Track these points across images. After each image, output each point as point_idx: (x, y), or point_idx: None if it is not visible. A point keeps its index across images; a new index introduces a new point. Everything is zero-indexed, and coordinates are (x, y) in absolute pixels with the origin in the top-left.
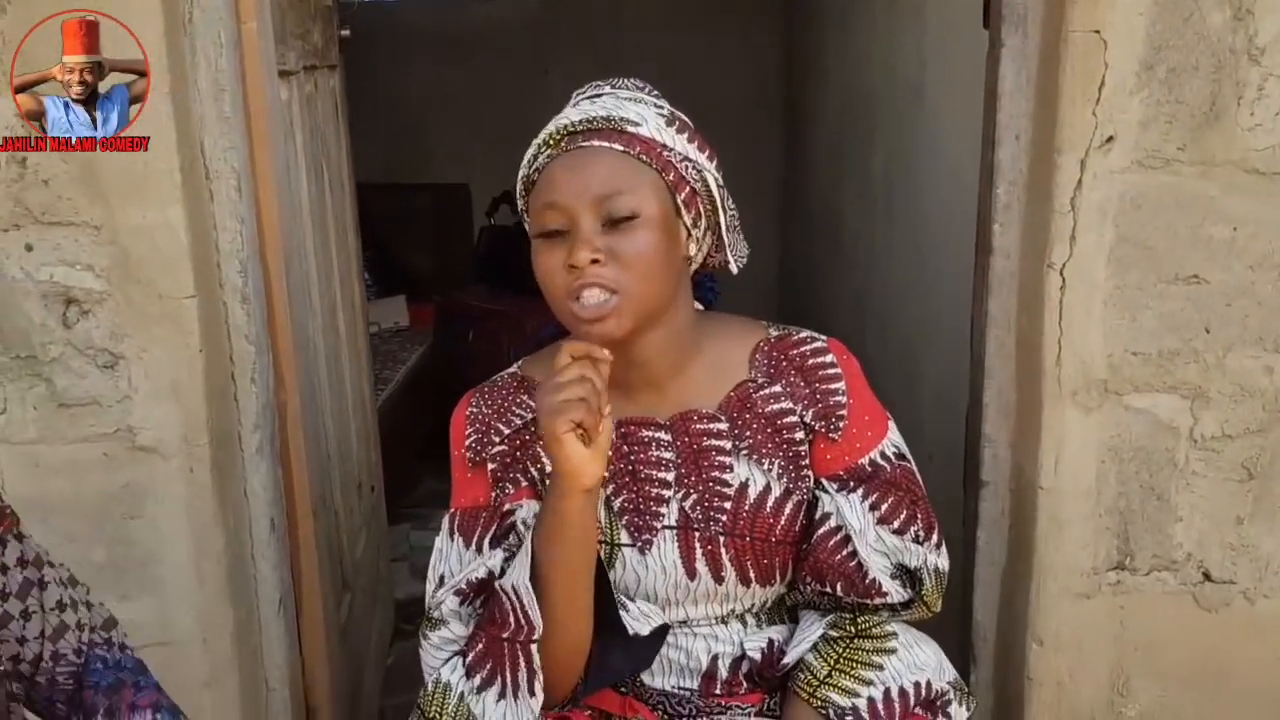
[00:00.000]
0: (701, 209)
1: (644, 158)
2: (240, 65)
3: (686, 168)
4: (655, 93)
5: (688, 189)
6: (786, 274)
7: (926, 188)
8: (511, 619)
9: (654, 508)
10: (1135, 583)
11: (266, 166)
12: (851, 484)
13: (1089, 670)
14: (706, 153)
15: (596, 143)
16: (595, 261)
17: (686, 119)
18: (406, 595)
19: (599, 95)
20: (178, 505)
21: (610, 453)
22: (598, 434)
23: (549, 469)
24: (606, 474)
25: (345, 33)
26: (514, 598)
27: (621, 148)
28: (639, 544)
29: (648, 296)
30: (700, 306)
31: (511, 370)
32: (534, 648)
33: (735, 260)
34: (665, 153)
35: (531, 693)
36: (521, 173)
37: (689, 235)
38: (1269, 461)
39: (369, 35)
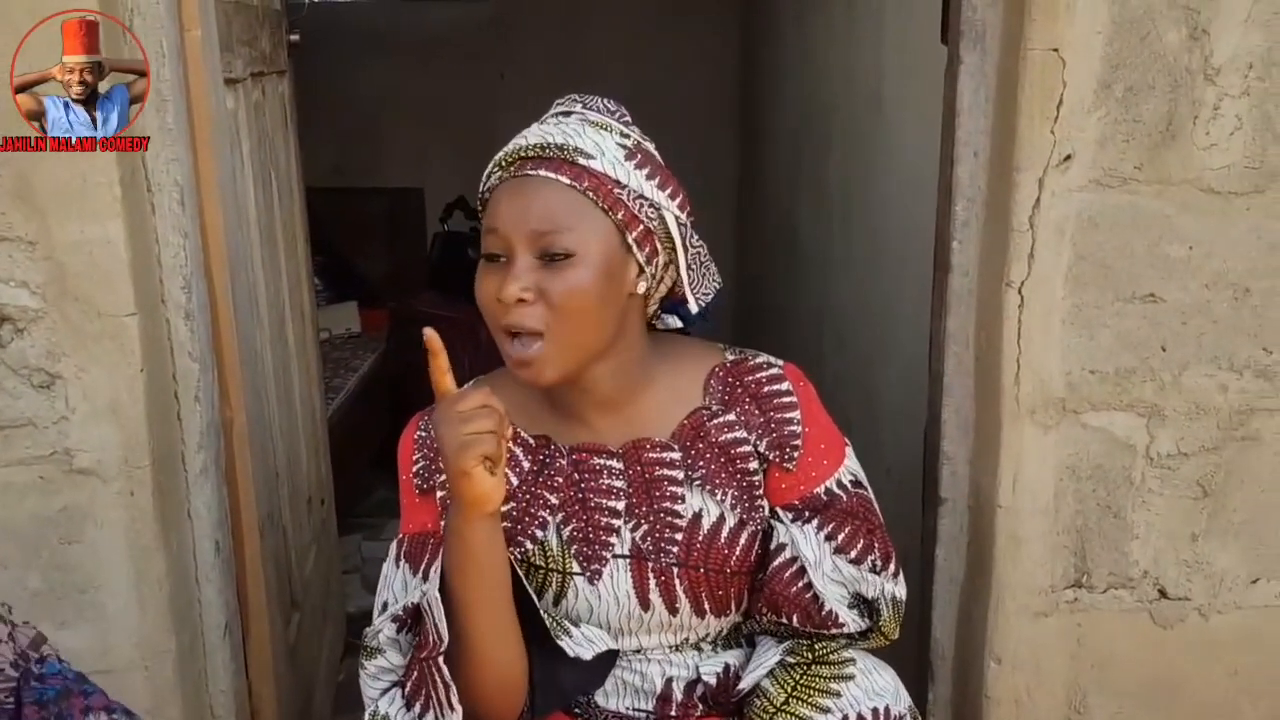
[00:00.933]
0: (658, 246)
1: (591, 194)
2: (184, 74)
3: (640, 206)
4: (626, 118)
5: (640, 227)
6: (744, 285)
7: (884, 199)
8: (431, 637)
9: (603, 537)
10: (1092, 600)
11: (211, 178)
12: (807, 514)
13: (1046, 688)
14: (669, 190)
15: (543, 173)
16: (523, 300)
17: (653, 151)
18: (358, 609)
19: (568, 114)
20: (117, 529)
21: (561, 480)
22: (502, 462)
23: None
24: (556, 501)
25: (295, 37)
26: (429, 612)
27: (568, 181)
28: (588, 573)
29: (577, 340)
30: (678, 324)
31: (462, 391)
32: (441, 660)
33: (697, 299)
34: (616, 190)
35: (451, 707)
36: (480, 189)
37: (641, 272)
38: (1223, 479)
39: (321, 36)
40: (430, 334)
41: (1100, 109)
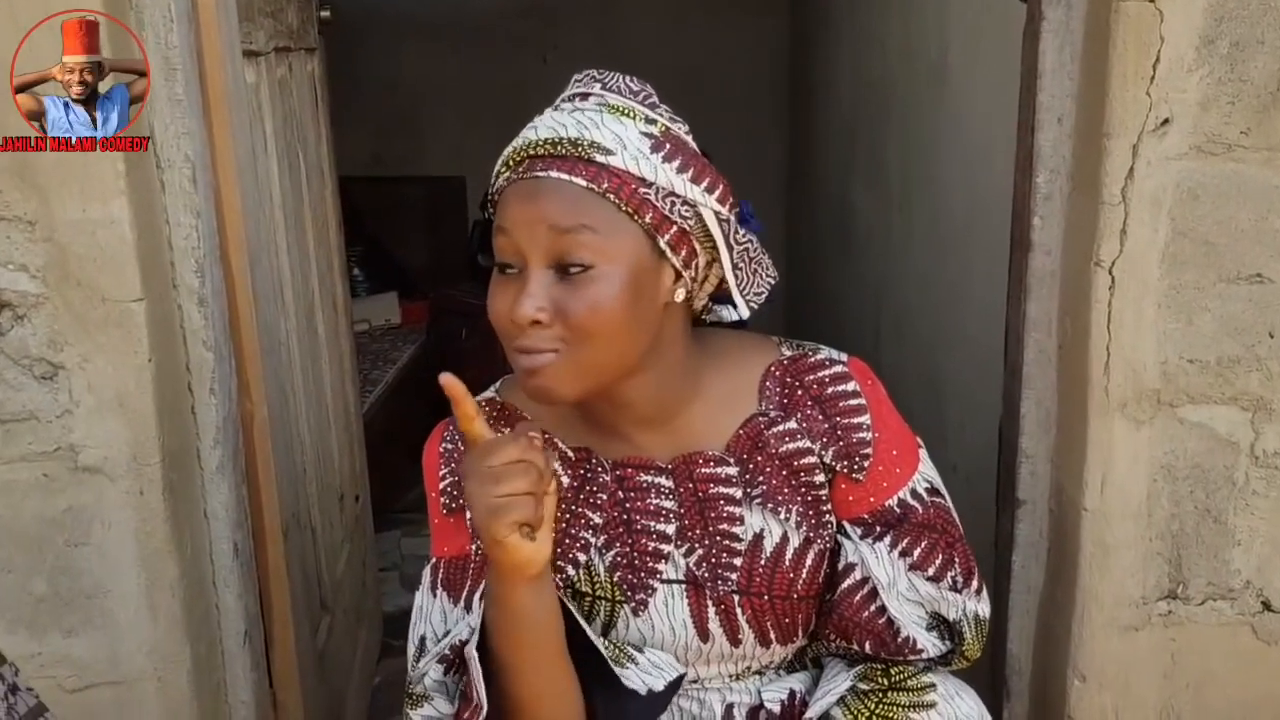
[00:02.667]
0: (697, 247)
1: (612, 196)
2: (196, 43)
3: (671, 205)
4: (652, 99)
5: (673, 229)
6: (795, 270)
7: (948, 178)
8: (474, 693)
9: (650, 564)
10: (1188, 613)
11: (228, 154)
12: (878, 529)
13: (1136, 709)
14: (705, 182)
15: (555, 173)
16: (538, 322)
17: (684, 137)
18: (396, 608)
19: (585, 96)
20: (126, 531)
21: (604, 497)
22: (543, 522)
23: None
24: (599, 521)
25: (325, 14)
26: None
27: (585, 183)
28: (632, 604)
29: (600, 361)
30: (733, 316)
31: (488, 395)
32: None
33: (746, 300)
34: (642, 189)
35: None
36: (488, 190)
37: (679, 278)
38: None
39: (358, 19)
40: (447, 380)
41: (1202, 67)
